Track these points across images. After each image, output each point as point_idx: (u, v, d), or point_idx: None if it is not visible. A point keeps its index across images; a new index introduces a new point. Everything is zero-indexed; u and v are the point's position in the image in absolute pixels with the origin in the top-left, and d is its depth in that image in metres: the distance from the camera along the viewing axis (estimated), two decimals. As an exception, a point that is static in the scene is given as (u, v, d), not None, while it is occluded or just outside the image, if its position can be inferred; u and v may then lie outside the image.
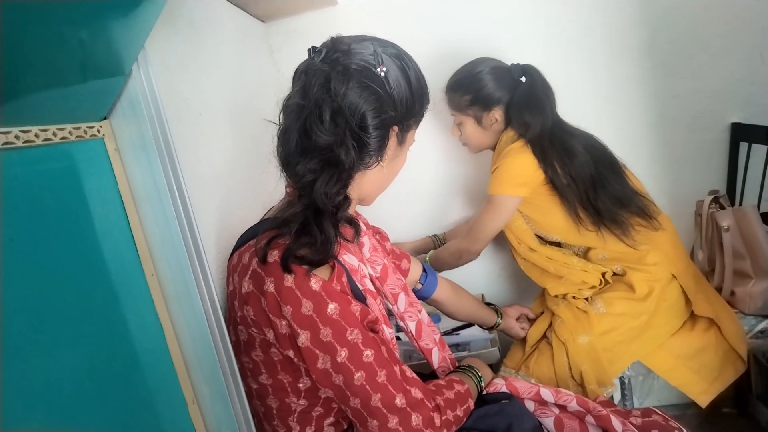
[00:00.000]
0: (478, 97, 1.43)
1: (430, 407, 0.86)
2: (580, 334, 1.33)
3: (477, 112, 1.45)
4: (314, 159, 0.82)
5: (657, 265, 1.37)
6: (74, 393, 0.65)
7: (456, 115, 1.50)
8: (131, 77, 0.75)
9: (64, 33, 0.59)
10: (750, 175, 1.58)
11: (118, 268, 0.74)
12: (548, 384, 1.30)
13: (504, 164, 1.39)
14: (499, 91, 1.42)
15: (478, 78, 1.42)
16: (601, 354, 1.32)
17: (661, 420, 0.99)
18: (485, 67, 1.43)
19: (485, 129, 1.47)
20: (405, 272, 1.24)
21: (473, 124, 1.48)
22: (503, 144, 1.44)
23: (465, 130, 1.50)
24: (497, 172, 1.40)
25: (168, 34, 0.94)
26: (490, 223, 1.44)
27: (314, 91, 0.81)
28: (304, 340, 0.79)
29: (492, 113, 1.43)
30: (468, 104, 1.45)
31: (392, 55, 0.88)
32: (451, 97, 1.48)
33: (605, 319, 1.34)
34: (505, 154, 1.39)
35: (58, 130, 0.66)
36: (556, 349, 1.35)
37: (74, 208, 0.69)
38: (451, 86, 1.48)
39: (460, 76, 1.46)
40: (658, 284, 1.36)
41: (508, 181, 1.39)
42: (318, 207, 0.82)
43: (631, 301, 1.35)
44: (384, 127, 0.87)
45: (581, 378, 1.32)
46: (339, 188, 0.83)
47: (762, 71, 1.60)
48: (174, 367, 0.82)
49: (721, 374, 1.36)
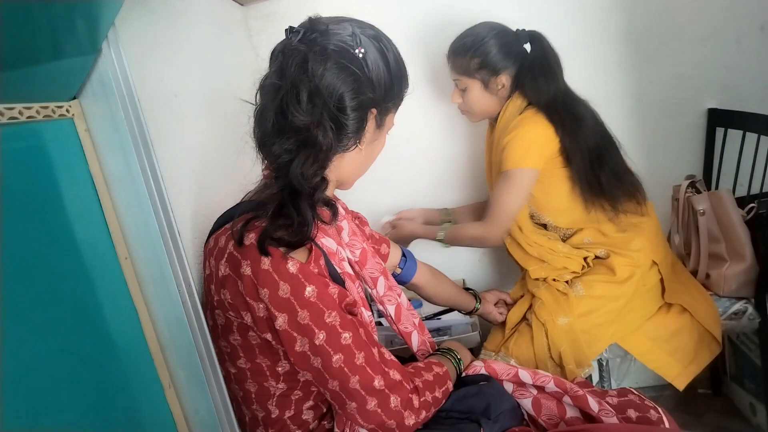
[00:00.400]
0: (488, 60, 1.38)
1: (408, 389, 0.87)
2: (559, 315, 1.34)
3: (485, 75, 1.40)
4: (290, 139, 0.81)
5: (640, 252, 1.38)
6: (47, 378, 0.64)
7: (460, 80, 1.44)
8: (101, 56, 0.73)
9: (28, 8, 0.57)
10: (726, 159, 1.60)
11: (90, 251, 0.73)
12: (527, 365, 1.32)
13: (519, 134, 1.34)
14: (507, 56, 1.38)
15: (487, 41, 1.37)
16: (580, 335, 1.33)
17: (636, 399, 1.01)
18: (493, 31, 1.39)
19: (491, 94, 1.42)
20: (384, 257, 1.24)
21: (480, 89, 1.42)
22: (510, 114, 1.40)
23: (470, 95, 1.44)
24: (512, 144, 1.34)
25: (142, 13, 0.92)
26: (511, 202, 1.38)
27: (291, 72, 0.80)
28: (282, 323, 0.78)
29: (500, 78, 1.39)
30: (477, 68, 1.39)
31: (371, 37, 0.87)
32: (457, 60, 1.42)
33: (584, 301, 1.35)
34: (518, 124, 1.35)
35: (24, 108, 0.65)
36: (536, 330, 1.35)
37: (43, 189, 0.67)
38: (458, 49, 1.42)
39: (468, 39, 1.40)
40: (639, 270, 1.37)
41: (526, 152, 1.34)
42: (294, 188, 0.81)
43: (611, 284, 1.36)
44: (362, 108, 0.86)
45: (560, 358, 1.33)
46: (316, 169, 0.82)
47: (738, 57, 1.62)
48: (150, 351, 0.81)
49: (696, 356, 1.38)
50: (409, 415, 0.86)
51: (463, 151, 1.81)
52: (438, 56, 1.51)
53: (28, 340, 0.61)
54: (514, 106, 1.40)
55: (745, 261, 1.39)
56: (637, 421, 0.96)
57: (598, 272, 1.40)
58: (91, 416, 0.70)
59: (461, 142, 1.80)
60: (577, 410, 1.00)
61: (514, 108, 1.40)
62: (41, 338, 0.64)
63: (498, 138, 1.42)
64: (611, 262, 1.38)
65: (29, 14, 0.58)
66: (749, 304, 1.41)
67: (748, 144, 1.49)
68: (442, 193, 1.85)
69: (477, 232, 1.45)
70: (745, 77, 1.63)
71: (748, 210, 1.42)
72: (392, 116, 0.97)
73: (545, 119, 1.34)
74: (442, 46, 1.47)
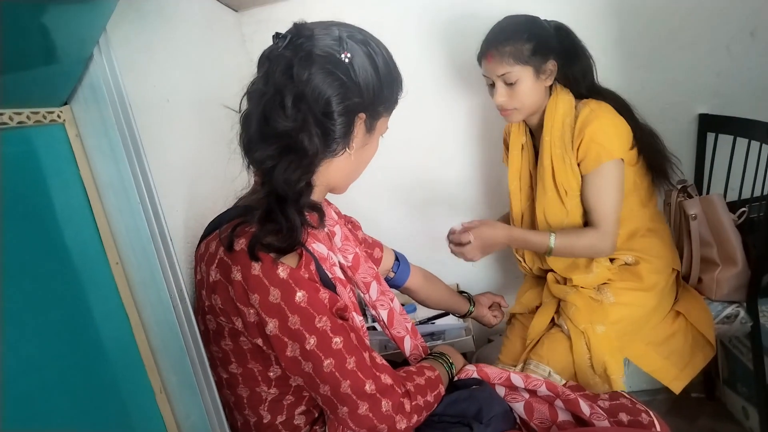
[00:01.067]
0: (540, 43, 1.27)
1: (399, 393, 0.87)
2: (596, 323, 1.30)
3: (538, 62, 1.28)
4: (273, 145, 0.81)
5: (662, 259, 1.37)
6: (38, 382, 0.64)
7: (510, 72, 1.28)
8: (92, 61, 0.73)
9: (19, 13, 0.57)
10: (717, 164, 1.61)
11: (81, 255, 0.73)
12: (563, 373, 1.29)
13: (603, 124, 1.25)
14: (550, 39, 1.30)
15: (537, 24, 1.30)
16: (615, 343, 1.30)
17: (628, 403, 1.01)
18: (529, 18, 1.32)
19: (541, 83, 1.31)
20: (377, 261, 1.24)
21: (533, 78, 1.29)
22: (565, 109, 1.32)
23: (522, 87, 1.29)
24: (599, 136, 1.25)
25: (133, 18, 0.93)
26: (618, 200, 1.28)
27: (276, 77, 0.80)
28: (273, 328, 0.78)
29: (548, 64, 1.29)
30: (531, 53, 1.26)
31: (358, 41, 0.86)
32: (506, 49, 1.27)
33: (616, 309, 1.33)
34: (594, 116, 1.26)
35: (14, 114, 0.65)
36: (575, 338, 1.31)
37: (33, 195, 0.68)
38: (503, 39, 1.28)
39: (510, 27, 1.29)
40: (663, 277, 1.37)
41: (615, 142, 1.26)
42: (279, 194, 0.81)
43: (638, 292, 1.34)
44: (349, 113, 0.85)
45: (603, 369, 1.29)
46: (300, 174, 0.82)
47: (728, 62, 1.63)
48: (141, 355, 0.82)
49: (691, 360, 1.38)
50: (401, 419, 0.86)
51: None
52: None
53: (18, 345, 0.61)
54: (565, 100, 1.33)
55: (737, 265, 1.39)
56: (629, 424, 0.96)
57: (624, 279, 1.37)
58: (83, 420, 0.70)
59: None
60: (569, 414, 1.00)
61: (566, 102, 1.32)
62: (32, 342, 0.64)
63: (561, 137, 1.32)
64: (639, 269, 1.36)
65: (20, 19, 0.58)
66: (741, 308, 1.42)
67: (739, 149, 1.50)
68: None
69: (589, 242, 1.30)
70: (736, 83, 1.64)
71: (739, 214, 1.43)
72: (385, 120, 0.96)
73: (612, 107, 1.29)
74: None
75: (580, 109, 1.31)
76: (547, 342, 1.35)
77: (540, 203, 1.39)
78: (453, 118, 1.78)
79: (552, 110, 1.33)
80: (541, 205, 1.39)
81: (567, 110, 1.32)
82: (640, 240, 1.38)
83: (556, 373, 1.29)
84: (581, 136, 1.27)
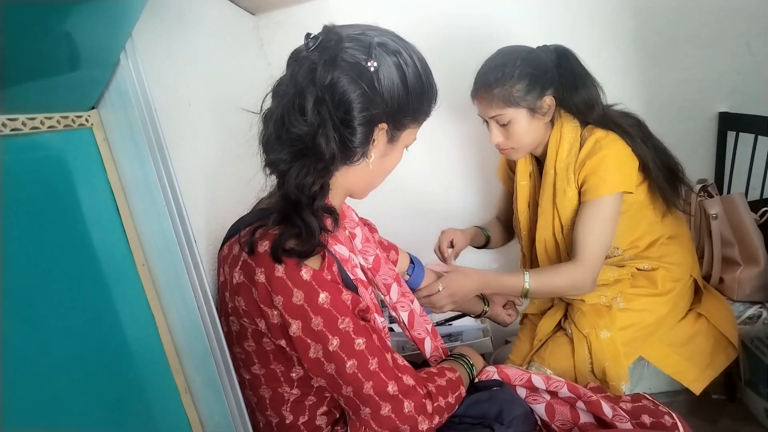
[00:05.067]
0: (531, 82, 1.22)
1: (422, 394, 0.87)
2: (601, 328, 1.29)
3: (531, 101, 1.24)
4: (287, 148, 0.81)
5: (680, 266, 1.36)
6: (66, 383, 0.65)
7: (502, 114, 1.25)
8: (119, 67, 0.75)
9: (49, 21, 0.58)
10: (737, 163, 1.60)
11: (108, 258, 0.74)
12: (564, 376, 1.28)
13: (604, 159, 1.21)
14: (545, 74, 1.24)
15: (521, 63, 1.22)
16: (620, 349, 1.29)
17: (650, 405, 1.01)
18: (521, 52, 1.25)
19: (539, 120, 1.27)
20: (393, 263, 1.24)
21: (527, 118, 1.25)
22: (570, 138, 1.27)
23: (517, 128, 1.26)
24: (599, 169, 1.21)
25: (156, 24, 0.94)
26: (607, 234, 1.24)
27: (299, 79, 0.80)
28: (296, 330, 0.79)
29: (545, 99, 1.25)
30: (522, 94, 1.23)
31: (390, 51, 0.83)
32: (495, 92, 1.24)
33: (625, 314, 1.32)
34: (599, 146, 1.22)
35: (45, 118, 0.66)
36: (577, 342, 1.30)
37: (63, 197, 0.69)
38: (492, 81, 1.24)
39: (498, 68, 1.24)
40: (679, 284, 1.35)
41: (620, 173, 1.22)
42: (292, 198, 0.81)
43: (651, 297, 1.33)
44: (369, 123, 0.83)
45: (603, 374, 1.28)
46: (314, 179, 0.81)
47: (748, 60, 1.62)
48: (166, 356, 0.83)
49: (713, 361, 1.36)
50: (423, 420, 0.86)
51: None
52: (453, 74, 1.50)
53: (47, 346, 0.63)
54: (570, 131, 1.28)
55: (759, 265, 1.38)
56: (652, 426, 0.95)
57: (638, 284, 1.36)
58: (109, 420, 0.71)
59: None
60: (590, 416, 1.00)
61: (571, 132, 1.28)
62: (60, 344, 0.65)
63: (564, 169, 1.28)
64: (655, 275, 1.34)
65: (51, 27, 0.59)
66: (764, 308, 1.40)
67: (761, 147, 1.48)
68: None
69: (568, 279, 1.24)
70: (756, 80, 1.63)
71: (761, 214, 1.41)
72: (412, 131, 0.92)
73: (617, 135, 1.24)
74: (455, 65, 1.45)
75: (585, 137, 1.27)
76: (551, 345, 1.35)
77: (540, 236, 1.39)
78: (456, 126, 1.78)
79: (555, 143, 1.30)
80: (542, 238, 1.39)
81: (572, 141, 1.28)
82: (659, 248, 1.36)
83: (555, 377, 1.28)
84: (583, 165, 1.25)
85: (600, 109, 1.28)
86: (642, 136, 1.28)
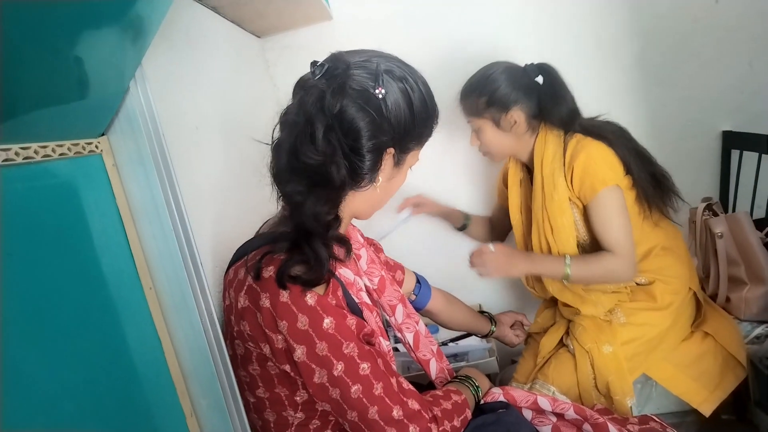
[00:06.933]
0: (494, 97, 1.33)
1: (427, 418, 0.87)
2: (603, 343, 1.30)
3: (494, 114, 1.35)
4: (303, 180, 0.81)
5: (679, 279, 1.37)
6: (73, 406, 0.65)
7: (473, 121, 1.40)
8: (129, 93, 0.76)
9: (62, 51, 0.60)
10: (742, 182, 1.60)
11: (117, 281, 0.75)
12: (568, 393, 1.29)
13: (591, 155, 1.28)
14: (516, 91, 1.33)
15: (492, 79, 1.34)
16: (624, 364, 1.29)
17: (658, 427, 1.00)
18: (499, 68, 1.36)
19: (505, 132, 1.37)
20: (399, 283, 1.25)
21: (492, 128, 1.37)
22: (554, 146, 1.34)
23: (484, 136, 1.39)
24: (591, 165, 1.27)
25: (165, 50, 0.96)
26: (626, 224, 1.28)
27: (307, 108, 0.80)
28: (301, 355, 0.79)
29: (510, 114, 1.34)
30: (485, 107, 1.35)
31: (396, 77, 0.84)
32: (467, 102, 1.39)
33: (627, 329, 1.33)
34: (579, 149, 1.29)
35: (57, 146, 0.67)
36: (580, 357, 1.31)
37: (73, 223, 0.70)
38: (465, 91, 1.40)
39: (474, 80, 1.38)
40: (678, 297, 1.36)
41: (609, 169, 1.28)
42: (307, 228, 0.81)
43: (652, 312, 1.34)
44: (378, 150, 0.84)
45: (607, 389, 1.29)
46: (329, 208, 0.82)
47: (751, 79, 1.63)
48: (172, 379, 0.83)
49: (722, 381, 1.36)
50: (429, 444, 0.85)
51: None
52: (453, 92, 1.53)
53: (55, 369, 0.63)
54: (554, 138, 1.35)
55: (766, 284, 1.37)
56: (660, 449, 0.94)
57: (638, 299, 1.37)
58: (115, 444, 0.71)
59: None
60: (598, 438, 0.99)
61: (555, 139, 1.35)
62: (68, 366, 0.65)
63: (550, 174, 1.35)
64: (653, 288, 1.35)
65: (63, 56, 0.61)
66: (772, 327, 1.39)
67: (765, 166, 1.48)
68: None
69: (607, 268, 1.29)
70: (759, 99, 1.64)
71: (767, 232, 1.41)
72: (416, 153, 0.94)
73: (596, 140, 1.30)
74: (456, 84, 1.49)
75: (567, 141, 1.33)
76: (554, 362, 1.36)
77: (535, 239, 1.42)
78: (461, 140, 1.78)
79: (540, 149, 1.37)
80: (536, 241, 1.41)
81: (555, 146, 1.35)
82: (654, 260, 1.37)
83: (560, 393, 1.28)
84: (571, 168, 1.30)
85: (580, 119, 1.35)
86: (624, 141, 1.34)
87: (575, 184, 1.31)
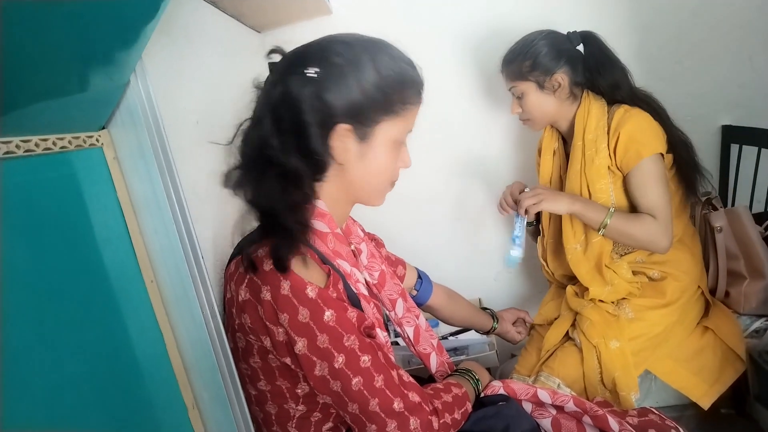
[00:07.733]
0: (538, 60, 1.34)
1: (427, 411, 0.87)
2: (611, 338, 1.30)
3: (539, 76, 1.35)
4: (261, 168, 0.83)
5: (688, 275, 1.37)
6: (75, 398, 0.65)
7: (516, 86, 1.40)
8: (129, 87, 0.76)
9: (63, 44, 0.60)
10: (741, 176, 1.60)
11: (118, 274, 0.75)
12: (574, 386, 1.29)
13: (637, 123, 1.29)
14: (560, 54, 1.35)
15: (536, 44, 1.35)
16: (630, 359, 1.30)
17: (657, 419, 1.00)
18: (542, 34, 1.37)
19: (548, 95, 1.37)
20: (400, 278, 1.25)
21: (536, 91, 1.37)
22: (598, 114, 1.35)
23: (528, 100, 1.39)
24: (636, 133, 1.28)
25: (165, 44, 0.95)
26: (661, 192, 1.28)
27: (258, 106, 0.86)
28: (302, 348, 0.79)
29: (555, 77, 1.35)
30: (529, 70, 1.36)
31: (334, 53, 0.82)
32: (510, 68, 1.40)
33: (634, 324, 1.33)
34: (626, 118, 1.30)
35: (57, 139, 0.67)
36: (586, 351, 1.31)
37: (74, 216, 0.70)
38: (508, 58, 1.40)
39: (517, 46, 1.39)
40: (686, 294, 1.36)
41: (654, 137, 1.29)
42: (268, 212, 0.84)
43: (659, 308, 1.34)
44: (321, 128, 0.82)
45: (613, 384, 1.29)
46: (292, 190, 0.83)
47: (750, 74, 1.63)
48: (174, 372, 0.83)
49: (721, 375, 1.36)
50: (429, 436, 0.86)
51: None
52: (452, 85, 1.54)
53: (57, 362, 0.63)
54: (597, 107, 1.36)
55: (765, 278, 1.38)
56: (659, 441, 0.95)
57: (646, 295, 1.37)
58: (117, 436, 0.72)
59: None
60: (597, 430, 0.99)
61: (598, 108, 1.36)
62: (70, 359, 0.66)
63: (593, 140, 1.34)
64: (664, 285, 1.35)
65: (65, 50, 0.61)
66: (771, 321, 1.40)
67: (764, 160, 1.49)
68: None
69: (647, 231, 1.28)
70: (758, 94, 1.64)
71: (766, 226, 1.41)
72: (392, 123, 0.86)
73: (645, 112, 1.31)
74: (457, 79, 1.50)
75: (613, 111, 1.34)
76: (559, 355, 1.35)
77: None
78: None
79: (583, 116, 1.37)
80: None
81: (599, 115, 1.35)
82: (670, 251, 1.35)
83: (565, 386, 1.28)
84: (616, 136, 1.30)
85: (627, 89, 1.35)
86: (669, 121, 1.35)
87: (619, 151, 1.31)
